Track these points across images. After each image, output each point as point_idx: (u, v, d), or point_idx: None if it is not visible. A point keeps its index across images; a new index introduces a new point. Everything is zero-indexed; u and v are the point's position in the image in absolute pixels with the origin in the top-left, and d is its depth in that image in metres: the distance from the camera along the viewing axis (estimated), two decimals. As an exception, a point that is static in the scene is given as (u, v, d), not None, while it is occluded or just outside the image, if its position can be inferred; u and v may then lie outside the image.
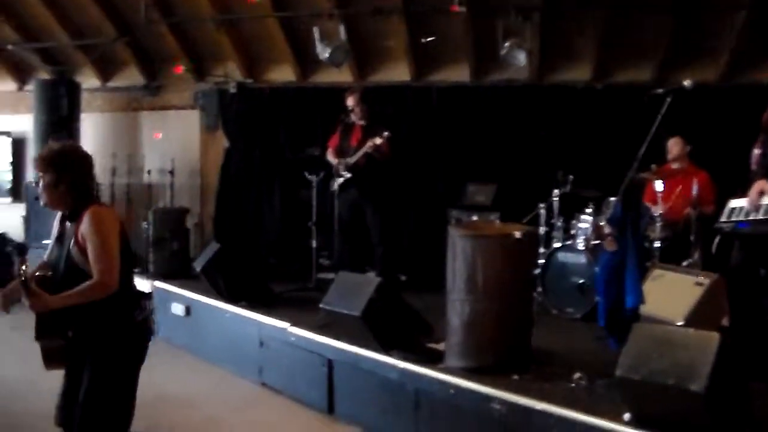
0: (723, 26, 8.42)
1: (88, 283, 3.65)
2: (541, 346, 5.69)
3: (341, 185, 8.24)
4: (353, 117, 8.28)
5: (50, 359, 3.81)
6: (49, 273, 3.84)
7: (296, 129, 10.05)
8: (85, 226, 3.69)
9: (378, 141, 7.85)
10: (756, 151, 5.31)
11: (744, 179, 5.25)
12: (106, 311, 3.71)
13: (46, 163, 3.80)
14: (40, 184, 3.81)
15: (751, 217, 4.97)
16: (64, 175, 3.77)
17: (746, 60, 8.34)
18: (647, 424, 3.98)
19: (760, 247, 5.04)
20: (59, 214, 3.95)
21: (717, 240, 6.56)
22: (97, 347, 3.74)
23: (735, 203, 5.17)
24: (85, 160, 3.93)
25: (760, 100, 5.23)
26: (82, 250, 3.69)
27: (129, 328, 3.85)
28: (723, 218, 5.29)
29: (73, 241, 3.73)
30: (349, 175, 8.16)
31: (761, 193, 4.88)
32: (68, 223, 3.83)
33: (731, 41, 8.42)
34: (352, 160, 8.13)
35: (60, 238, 3.88)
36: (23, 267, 3.59)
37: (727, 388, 3.79)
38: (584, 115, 9.03)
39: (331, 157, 8.36)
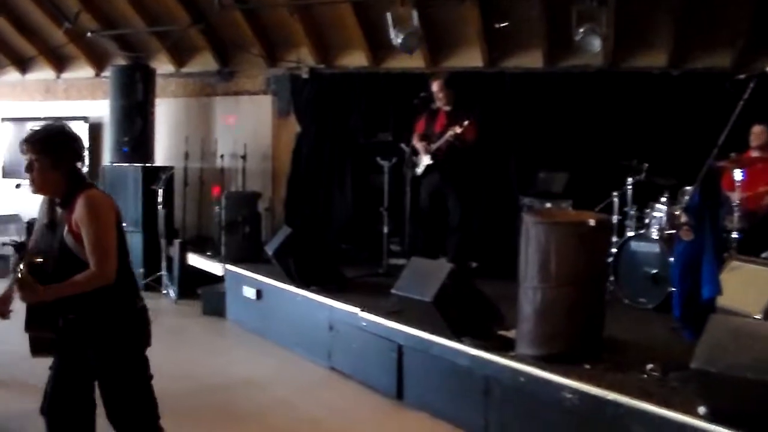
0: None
1: (84, 273, 3.51)
2: (612, 336, 5.63)
3: (423, 171, 8.26)
4: (438, 103, 8.28)
5: (38, 349, 3.69)
6: (40, 260, 3.63)
7: (368, 114, 10.06)
8: (79, 212, 3.52)
9: (458, 130, 7.82)
10: None
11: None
12: (108, 299, 3.60)
13: (40, 145, 3.59)
14: (33, 167, 3.58)
15: None
16: (60, 158, 3.59)
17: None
18: (723, 419, 3.89)
19: None
20: (46, 198, 3.78)
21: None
22: (100, 336, 3.63)
23: None
24: (77, 142, 3.75)
25: None
26: (77, 237, 3.54)
27: (131, 315, 3.75)
28: None
29: (66, 228, 3.57)
30: (431, 161, 8.17)
31: None
32: (59, 209, 3.66)
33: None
34: (434, 146, 8.12)
35: (51, 225, 3.72)
36: (20, 265, 3.46)
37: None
38: (660, 102, 8.86)
39: (416, 142, 8.33)
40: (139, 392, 3.76)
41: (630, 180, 7.75)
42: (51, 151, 3.58)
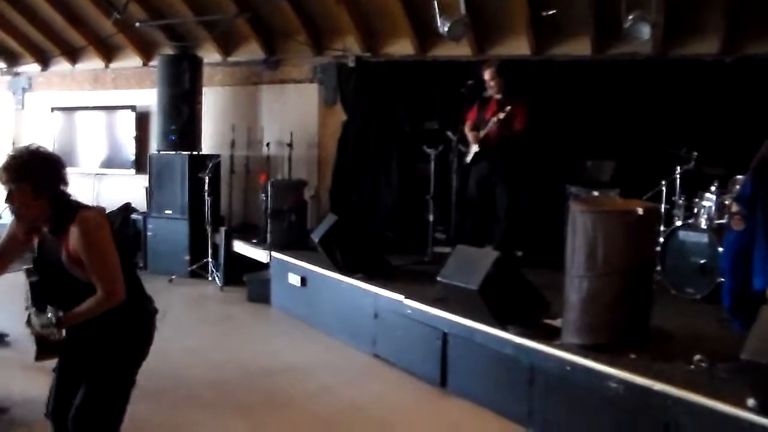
0: None
1: (95, 298, 3.40)
2: (660, 326, 5.58)
3: (472, 159, 8.25)
4: (490, 91, 8.26)
5: (44, 351, 3.48)
6: (34, 278, 3.54)
7: (414, 103, 10.02)
8: (75, 240, 3.35)
9: (501, 116, 7.81)
10: None
11: None
12: (121, 310, 3.50)
13: (19, 172, 3.34)
14: (14, 198, 3.37)
15: None
16: (42, 185, 3.38)
17: None
18: (772, 411, 3.83)
19: None
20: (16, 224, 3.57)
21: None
22: (105, 338, 3.56)
23: None
24: (58, 164, 3.52)
25: None
26: (77, 262, 3.40)
27: (139, 320, 3.70)
28: None
29: (65, 255, 3.41)
30: (478, 149, 8.14)
31: None
32: (50, 235, 3.49)
33: None
34: (482, 133, 8.10)
35: (42, 253, 3.57)
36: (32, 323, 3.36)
37: None
38: (711, 90, 8.69)
39: (467, 131, 8.33)
40: (116, 400, 3.65)
41: (678, 169, 7.66)
42: (30, 177, 3.35)
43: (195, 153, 10.73)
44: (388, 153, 10.18)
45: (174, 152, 10.72)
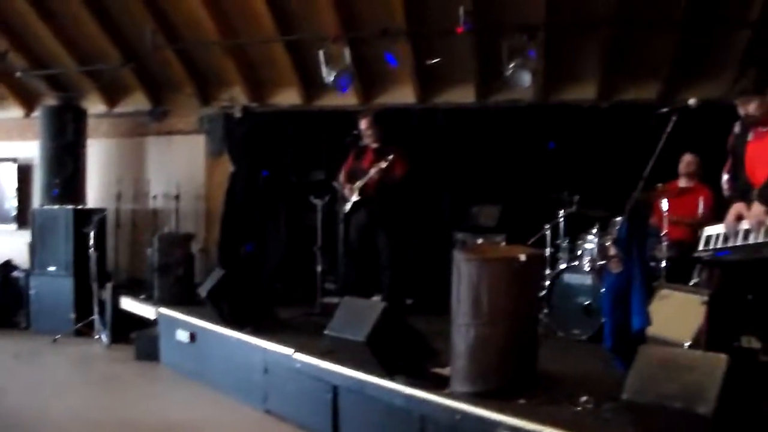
0: (728, 43, 8.43)
1: None
2: (547, 369, 5.63)
3: (351, 208, 8.25)
4: (366, 140, 8.30)
5: None
6: None
7: (301, 153, 10.04)
8: None
9: (383, 165, 7.85)
10: (725, 176, 5.27)
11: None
12: None
13: None
14: None
15: (730, 244, 4.88)
16: None
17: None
18: (655, 450, 3.90)
19: (744, 272, 4.94)
20: None
21: (697, 269, 6.56)
22: None
23: (710, 230, 5.08)
24: None
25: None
26: None
27: None
28: (701, 247, 5.19)
29: None
30: (357, 198, 8.16)
31: (738, 218, 4.80)
32: None
33: (736, 58, 8.43)
34: (360, 183, 8.13)
35: None
36: None
37: (734, 411, 3.73)
38: (590, 135, 9.03)
39: (341, 180, 8.37)
40: None
41: (561, 212, 7.86)
42: None
43: (79, 207, 10.43)
44: (276, 203, 10.14)
45: (57, 206, 10.38)
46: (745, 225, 4.76)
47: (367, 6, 8.66)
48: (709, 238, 5.08)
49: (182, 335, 8.11)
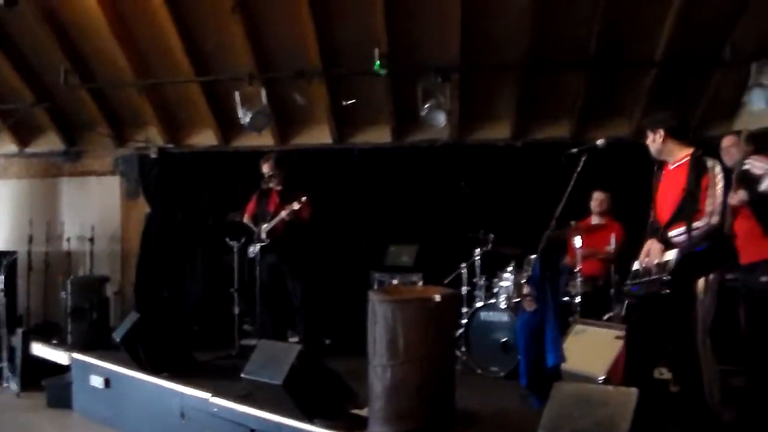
0: (635, 84, 8.72)
1: None
2: (465, 407, 5.67)
3: (260, 251, 8.22)
4: (271, 183, 8.33)
5: None
6: None
7: (218, 194, 9.98)
8: None
9: (296, 206, 7.88)
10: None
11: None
12: None
13: None
14: None
15: (637, 280, 5.03)
16: None
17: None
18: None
19: (653, 306, 5.08)
20: None
21: (626, 303, 6.74)
22: None
23: (636, 265, 5.23)
24: None
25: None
26: None
27: None
28: (628, 281, 5.34)
29: None
30: (267, 241, 8.15)
31: (648, 254, 4.95)
32: None
33: (642, 98, 8.72)
34: (268, 226, 8.12)
35: None
36: None
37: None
38: (505, 173, 9.21)
39: (248, 224, 8.35)
40: None
41: (477, 251, 7.95)
42: None
43: (-12, 250, 10.13)
44: (193, 245, 10.04)
45: (-35, 250, 10.09)
46: (654, 260, 4.91)
47: (282, 47, 8.69)
48: (630, 272, 5.22)
49: (96, 381, 7.92)
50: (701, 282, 4.79)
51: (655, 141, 5.15)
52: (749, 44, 8.06)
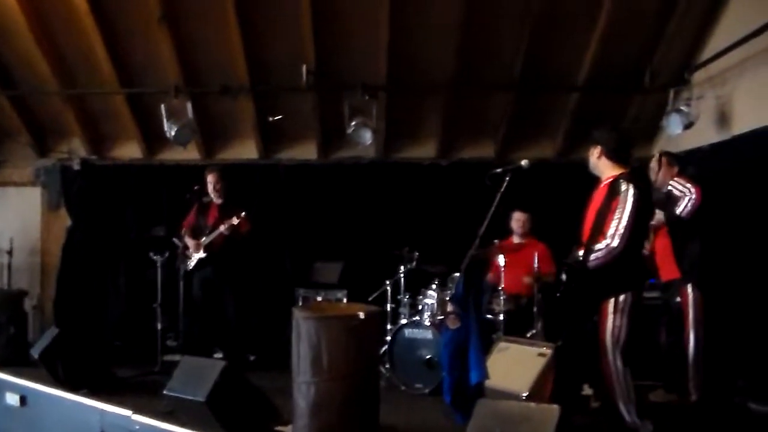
0: (558, 105, 8.92)
1: None
2: (390, 424, 5.72)
3: (196, 264, 8.15)
4: (212, 195, 8.30)
5: None
6: None
7: (142, 208, 9.80)
8: None
9: (234, 221, 7.85)
10: None
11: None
12: None
13: None
14: None
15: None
16: None
17: (581, 137, 8.69)
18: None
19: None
20: None
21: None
22: None
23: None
24: None
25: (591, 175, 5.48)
26: None
27: None
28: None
29: None
30: (203, 255, 8.08)
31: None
32: None
33: (566, 120, 8.92)
34: (207, 239, 8.06)
35: None
36: None
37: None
38: (430, 192, 9.30)
39: (187, 238, 8.30)
40: None
41: (402, 268, 8.02)
42: None
43: None
44: (116, 259, 9.84)
45: None
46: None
47: (209, 61, 8.63)
48: None
49: (12, 399, 7.67)
50: (611, 302, 4.90)
51: (592, 155, 5.30)
52: (667, 71, 8.34)
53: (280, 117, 9.08)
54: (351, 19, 8.08)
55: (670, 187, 6.31)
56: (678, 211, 6.14)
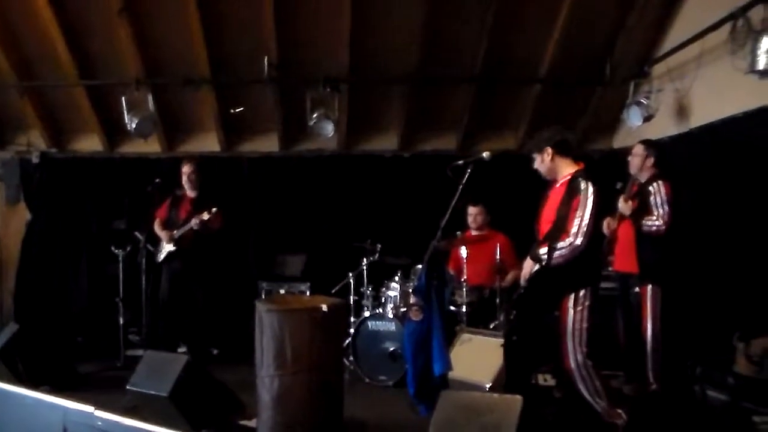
0: (519, 98, 8.97)
1: None
2: (354, 416, 5.74)
3: (165, 257, 8.11)
4: (185, 186, 8.25)
5: None
6: None
7: (103, 201, 9.68)
8: None
9: (205, 216, 7.79)
10: None
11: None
12: None
13: None
14: None
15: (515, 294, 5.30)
16: None
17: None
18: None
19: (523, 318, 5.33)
20: None
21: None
22: None
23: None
24: None
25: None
26: None
27: None
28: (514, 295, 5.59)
29: None
30: (173, 248, 8.03)
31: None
32: None
33: (527, 112, 8.98)
34: (178, 233, 8.01)
35: None
36: None
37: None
38: (392, 184, 9.32)
39: (158, 229, 8.24)
40: None
41: (365, 261, 8.03)
42: None
43: None
44: (77, 254, 9.72)
45: None
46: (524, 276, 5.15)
47: (170, 53, 8.55)
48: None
49: (-30, 397, 7.63)
50: (571, 297, 4.95)
51: (544, 161, 5.30)
52: (628, 64, 8.42)
53: (241, 109, 9.04)
54: (313, 12, 8.05)
55: (651, 189, 6.32)
56: (644, 227, 6.20)
